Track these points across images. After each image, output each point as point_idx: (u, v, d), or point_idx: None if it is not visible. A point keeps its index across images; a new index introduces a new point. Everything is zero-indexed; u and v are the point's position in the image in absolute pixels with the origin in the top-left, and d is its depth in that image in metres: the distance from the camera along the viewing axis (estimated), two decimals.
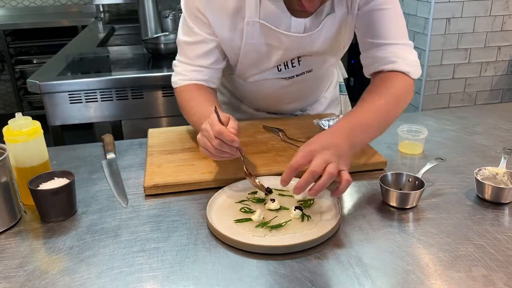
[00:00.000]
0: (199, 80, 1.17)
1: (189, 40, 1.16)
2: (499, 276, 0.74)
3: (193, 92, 1.16)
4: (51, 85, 1.92)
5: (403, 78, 1.09)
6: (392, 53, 1.09)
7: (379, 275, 0.75)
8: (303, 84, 1.28)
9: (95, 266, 0.79)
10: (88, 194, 1.02)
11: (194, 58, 1.16)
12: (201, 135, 0.95)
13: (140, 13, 2.52)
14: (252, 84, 1.26)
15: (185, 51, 1.18)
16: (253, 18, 1.09)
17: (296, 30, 1.12)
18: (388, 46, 1.09)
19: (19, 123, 0.93)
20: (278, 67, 1.21)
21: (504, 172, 0.98)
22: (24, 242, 0.86)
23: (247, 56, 1.16)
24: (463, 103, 3.27)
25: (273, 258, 0.79)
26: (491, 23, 3.06)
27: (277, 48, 1.15)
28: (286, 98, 1.33)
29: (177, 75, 1.20)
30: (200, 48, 1.15)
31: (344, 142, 0.91)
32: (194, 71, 1.17)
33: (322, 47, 1.16)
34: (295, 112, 1.43)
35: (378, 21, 1.08)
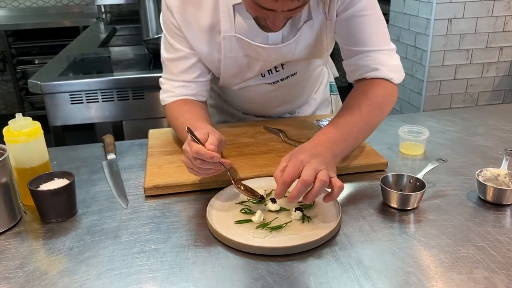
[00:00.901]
0: (187, 95, 1.17)
1: (171, 57, 1.16)
2: (501, 278, 0.74)
3: (180, 108, 1.15)
4: (52, 86, 1.92)
5: (386, 85, 1.08)
6: (374, 60, 1.08)
7: (379, 277, 0.75)
8: (289, 87, 1.27)
9: (94, 267, 0.79)
10: (88, 195, 1.02)
11: (178, 74, 1.16)
12: (184, 156, 0.93)
13: (141, 14, 2.53)
14: (238, 90, 1.27)
15: (169, 68, 1.17)
16: (229, 33, 1.09)
17: (274, 41, 1.11)
18: (370, 53, 1.08)
19: (19, 123, 0.93)
20: (262, 73, 1.21)
21: (506, 173, 0.98)
22: (24, 243, 0.86)
23: (228, 68, 1.17)
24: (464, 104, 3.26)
25: (273, 259, 0.79)
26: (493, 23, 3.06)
27: (256, 60, 1.15)
28: (272, 102, 1.33)
29: (164, 93, 1.19)
30: (183, 64, 1.15)
31: (328, 152, 0.92)
32: (180, 87, 1.16)
33: (303, 54, 1.15)
34: (284, 115, 1.42)
35: (358, 28, 1.07)
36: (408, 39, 3.25)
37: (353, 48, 1.09)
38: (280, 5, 0.85)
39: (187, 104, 1.16)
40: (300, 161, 0.86)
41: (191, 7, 1.08)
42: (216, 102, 1.45)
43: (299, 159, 0.87)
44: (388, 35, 1.11)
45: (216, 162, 0.90)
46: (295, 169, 0.85)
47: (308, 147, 0.93)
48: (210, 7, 1.08)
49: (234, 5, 1.06)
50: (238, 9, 1.07)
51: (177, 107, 1.15)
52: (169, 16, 1.11)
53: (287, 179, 0.85)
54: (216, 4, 1.07)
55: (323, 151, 0.91)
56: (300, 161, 0.86)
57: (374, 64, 1.08)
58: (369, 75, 1.09)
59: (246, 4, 0.93)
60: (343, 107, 1.07)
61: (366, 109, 1.03)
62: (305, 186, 0.83)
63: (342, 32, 1.10)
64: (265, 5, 0.86)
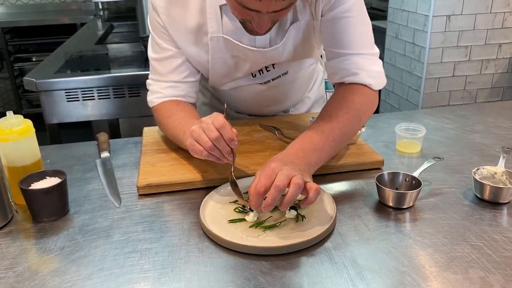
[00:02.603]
0: (176, 96, 1.14)
1: (159, 57, 1.14)
2: (497, 278, 0.73)
3: (173, 108, 1.12)
4: (47, 83, 1.91)
5: (365, 91, 1.06)
6: (354, 64, 1.05)
7: (374, 276, 0.74)
8: (281, 87, 1.25)
9: (85, 267, 0.77)
10: (81, 194, 1.01)
11: (166, 74, 1.13)
12: (198, 126, 0.90)
13: (138, 11, 2.51)
14: (230, 91, 1.25)
15: (156, 68, 1.15)
16: (216, 34, 1.08)
17: (261, 45, 1.09)
18: (350, 56, 1.05)
19: (10, 121, 0.92)
20: (252, 73, 1.19)
21: (503, 172, 0.97)
22: (15, 242, 0.85)
23: (216, 69, 1.15)
24: (463, 101, 3.24)
25: (266, 259, 0.78)
26: (491, 20, 3.04)
27: (244, 61, 1.14)
28: (265, 102, 1.31)
29: (152, 94, 1.16)
30: (170, 63, 1.13)
31: (301, 161, 0.90)
32: (169, 87, 1.14)
33: (292, 55, 1.13)
34: (278, 113, 1.40)
35: (341, 30, 1.04)
36: (406, 36, 3.23)
37: (335, 50, 1.07)
38: (265, 6, 0.83)
39: (180, 104, 1.14)
40: (272, 169, 0.83)
41: (177, 7, 1.07)
42: (210, 101, 1.43)
43: (271, 167, 0.84)
44: (372, 39, 1.08)
45: (227, 149, 0.88)
46: (267, 177, 0.82)
47: (280, 156, 0.90)
48: (197, 8, 1.06)
49: (221, 6, 1.04)
50: (225, 10, 1.05)
51: (169, 107, 1.13)
52: (155, 16, 1.09)
53: (261, 189, 0.81)
54: (202, 5, 1.05)
55: (296, 160, 0.89)
56: (272, 169, 0.83)
57: (354, 69, 1.05)
58: (348, 79, 1.06)
59: (231, 6, 0.91)
60: (320, 114, 1.04)
61: (343, 117, 1.01)
62: (278, 191, 0.80)
63: (325, 33, 1.08)
64: (249, 5, 0.84)
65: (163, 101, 1.14)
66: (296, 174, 0.82)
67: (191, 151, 0.93)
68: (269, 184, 0.81)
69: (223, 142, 0.88)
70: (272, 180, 0.81)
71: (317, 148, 0.95)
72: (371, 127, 1.30)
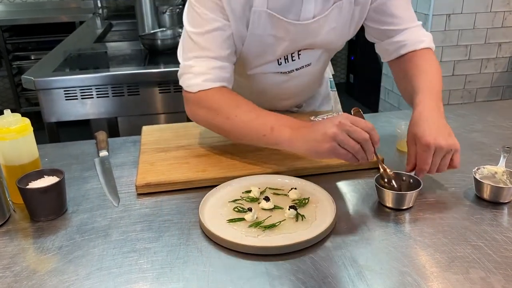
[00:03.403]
0: (223, 80, 1.06)
1: (202, 30, 1.04)
2: (497, 278, 0.72)
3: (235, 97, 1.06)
4: (46, 82, 1.90)
5: (432, 52, 1.20)
6: (417, 33, 1.19)
7: (374, 277, 0.73)
8: (301, 79, 1.26)
9: (83, 267, 0.77)
10: (79, 193, 1.00)
11: (212, 48, 1.04)
12: (340, 130, 0.89)
13: (137, 9, 2.50)
14: (250, 78, 1.24)
15: (199, 43, 1.05)
16: (260, 7, 1.06)
17: (305, 17, 1.10)
18: (412, 28, 1.19)
19: (7, 120, 0.91)
20: (278, 60, 1.19)
21: (503, 171, 0.97)
22: (13, 241, 0.84)
23: (250, 47, 1.13)
24: (463, 100, 3.24)
25: (266, 259, 0.78)
26: (491, 19, 3.04)
27: (282, 40, 1.12)
28: (283, 94, 1.31)
29: (198, 76, 1.04)
30: (218, 36, 1.04)
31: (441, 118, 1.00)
32: (218, 68, 1.05)
33: (326, 38, 1.16)
34: (291, 109, 1.41)
35: (399, 8, 1.17)
36: None
37: (393, 28, 1.18)
38: None
39: (238, 95, 1.06)
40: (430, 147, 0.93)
41: None
42: None
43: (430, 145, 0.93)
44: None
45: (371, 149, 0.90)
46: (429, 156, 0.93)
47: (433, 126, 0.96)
48: None
49: None
50: None
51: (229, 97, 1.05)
52: None
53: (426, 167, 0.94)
54: None
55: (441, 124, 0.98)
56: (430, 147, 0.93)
57: (420, 37, 1.18)
58: (420, 46, 1.18)
59: None
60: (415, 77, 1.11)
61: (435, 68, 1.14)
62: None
63: (378, 16, 1.17)
64: None
65: (213, 86, 1.05)
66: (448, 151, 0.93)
67: (331, 154, 0.91)
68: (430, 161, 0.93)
69: (370, 144, 0.89)
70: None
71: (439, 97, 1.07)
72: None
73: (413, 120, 0.99)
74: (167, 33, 2.33)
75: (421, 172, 0.95)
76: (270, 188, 0.97)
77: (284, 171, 1.03)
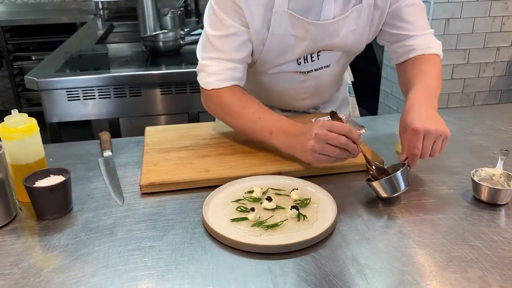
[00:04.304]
0: (235, 79, 1.14)
1: (221, 34, 1.11)
2: (495, 277, 0.74)
3: (242, 97, 1.13)
4: (49, 82, 1.92)
5: (438, 59, 1.25)
6: (427, 40, 1.24)
7: (374, 275, 0.75)
8: (319, 79, 1.29)
9: (90, 264, 0.78)
10: (84, 192, 1.02)
11: (227, 52, 1.12)
12: (317, 140, 0.95)
13: (139, 11, 2.52)
14: (270, 77, 1.26)
15: (216, 45, 1.12)
16: (281, 8, 1.10)
17: (325, 18, 1.13)
18: (423, 35, 1.24)
19: (15, 120, 0.93)
20: (298, 60, 1.21)
21: (501, 173, 0.98)
22: (19, 239, 0.86)
23: (271, 47, 1.16)
24: (461, 104, 3.26)
25: (268, 257, 0.79)
26: (490, 24, 3.06)
27: (302, 40, 1.15)
28: (302, 94, 1.33)
29: (211, 76, 1.13)
30: (234, 41, 1.11)
31: (432, 110, 1.05)
32: (230, 69, 1.13)
33: (345, 39, 1.18)
34: (309, 110, 1.44)
35: (413, 15, 1.22)
36: None
37: (406, 33, 1.23)
38: None
39: (247, 95, 1.15)
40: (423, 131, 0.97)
41: None
42: None
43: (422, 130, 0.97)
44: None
45: (356, 146, 0.95)
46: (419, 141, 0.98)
47: (421, 114, 1.01)
48: None
49: None
50: None
51: (238, 97, 1.13)
52: None
53: (418, 152, 0.98)
54: None
55: (433, 114, 1.03)
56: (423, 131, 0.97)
57: (428, 43, 1.23)
58: (428, 51, 1.23)
59: None
60: (415, 77, 1.15)
61: (436, 71, 1.19)
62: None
63: (394, 20, 1.21)
64: None
65: (224, 86, 1.13)
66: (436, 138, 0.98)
67: (315, 163, 1.02)
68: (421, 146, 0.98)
69: (350, 144, 0.94)
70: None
71: (434, 94, 1.12)
72: (371, 129, 1.31)
73: (404, 111, 1.05)
74: (169, 35, 2.34)
75: (413, 158, 0.98)
76: (272, 189, 0.98)
77: (286, 172, 1.05)
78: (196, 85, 2.03)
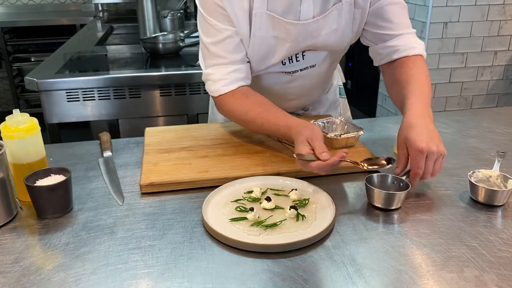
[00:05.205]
0: (240, 80, 1.16)
1: (215, 40, 1.14)
2: (491, 277, 0.75)
3: (244, 101, 1.15)
4: (48, 83, 1.92)
5: (423, 59, 1.22)
6: (410, 40, 1.21)
7: (372, 274, 0.76)
8: (306, 80, 1.29)
9: (90, 263, 0.79)
10: (84, 191, 1.02)
11: (227, 55, 1.14)
12: (301, 164, 0.98)
13: (139, 13, 2.53)
14: (255, 78, 1.27)
15: (215, 52, 1.15)
16: (260, 10, 1.11)
17: (304, 18, 1.14)
18: (406, 34, 1.21)
19: (16, 119, 0.94)
20: (283, 61, 1.22)
21: (498, 175, 0.99)
22: (20, 238, 0.87)
23: (255, 49, 1.17)
24: (459, 107, 3.28)
25: (267, 256, 0.80)
26: (487, 28, 3.08)
27: (284, 41, 1.16)
28: (289, 94, 1.34)
29: (216, 83, 1.16)
30: (230, 44, 1.13)
31: (431, 123, 1.03)
32: (232, 72, 1.15)
33: (327, 38, 1.19)
34: (297, 111, 1.44)
35: (393, 15, 1.19)
36: None
37: (388, 33, 1.21)
38: None
39: (249, 96, 1.16)
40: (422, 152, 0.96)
41: None
42: None
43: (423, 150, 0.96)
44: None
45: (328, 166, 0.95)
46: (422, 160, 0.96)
47: (424, 131, 0.98)
48: None
49: None
50: None
51: (239, 101, 1.15)
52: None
53: (419, 171, 0.96)
54: None
55: (431, 127, 1.01)
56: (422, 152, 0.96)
57: (412, 44, 1.20)
58: (411, 52, 1.20)
59: None
60: (406, 84, 1.14)
61: (425, 75, 1.16)
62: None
63: (375, 20, 1.20)
64: None
65: (230, 89, 1.15)
66: (437, 156, 0.96)
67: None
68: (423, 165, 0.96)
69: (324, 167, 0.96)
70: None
71: (428, 104, 1.10)
72: (369, 131, 1.32)
73: (404, 124, 1.02)
74: (168, 37, 2.35)
75: (415, 177, 0.97)
76: (271, 189, 0.99)
77: (285, 172, 1.06)
78: (195, 86, 2.05)
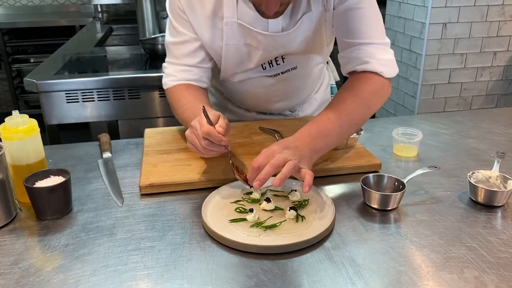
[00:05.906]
0: (189, 79, 1.19)
1: (175, 40, 1.18)
2: (491, 278, 0.75)
3: (183, 91, 1.18)
4: (48, 84, 1.92)
5: (376, 79, 1.09)
6: (366, 53, 1.08)
7: (372, 275, 0.76)
8: (289, 81, 1.29)
9: (89, 264, 0.79)
10: (84, 193, 1.02)
11: (181, 57, 1.19)
12: (190, 131, 0.97)
13: (138, 14, 2.53)
14: (239, 83, 1.28)
15: (172, 51, 1.20)
16: (231, 19, 1.12)
17: (273, 30, 1.13)
18: (362, 45, 1.09)
19: (16, 120, 0.93)
20: (262, 65, 1.22)
21: (497, 176, 0.99)
22: (19, 239, 0.86)
23: (229, 56, 1.18)
24: (458, 108, 3.28)
25: (267, 257, 0.80)
26: (487, 28, 3.08)
27: (256, 49, 1.16)
28: (273, 97, 1.34)
29: (167, 77, 1.22)
30: (186, 48, 1.18)
31: (306, 147, 0.96)
32: (183, 71, 1.19)
33: (302, 46, 1.17)
34: (284, 112, 1.43)
35: (353, 21, 1.08)
36: (403, 42, 3.27)
37: (347, 40, 1.11)
38: None
39: (190, 88, 1.18)
40: (272, 151, 0.92)
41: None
42: (218, 101, 1.46)
43: (272, 149, 0.93)
44: (383, 29, 1.12)
45: (222, 147, 0.95)
46: (266, 157, 0.91)
47: (285, 141, 0.97)
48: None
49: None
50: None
51: (180, 91, 1.18)
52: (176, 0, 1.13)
53: (255, 165, 0.90)
54: None
55: (300, 145, 0.95)
56: (272, 151, 0.92)
57: (365, 57, 1.08)
58: (360, 68, 1.10)
59: None
60: (330, 103, 1.09)
61: (351, 105, 1.05)
62: (272, 168, 0.88)
63: (338, 24, 1.12)
64: None
65: (176, 84, 1.19)
66: (292, 159, 0.90)
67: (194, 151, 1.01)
68: (265, 163, 0.90)
69: (214, 144, 0.94)
70: (269, 160, 0.90)
71: (324, 134, 1.00)
72: (368, 131, 1.32)
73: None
74: None
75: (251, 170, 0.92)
76: (271, 190, 0.99)
77: None
78: None
